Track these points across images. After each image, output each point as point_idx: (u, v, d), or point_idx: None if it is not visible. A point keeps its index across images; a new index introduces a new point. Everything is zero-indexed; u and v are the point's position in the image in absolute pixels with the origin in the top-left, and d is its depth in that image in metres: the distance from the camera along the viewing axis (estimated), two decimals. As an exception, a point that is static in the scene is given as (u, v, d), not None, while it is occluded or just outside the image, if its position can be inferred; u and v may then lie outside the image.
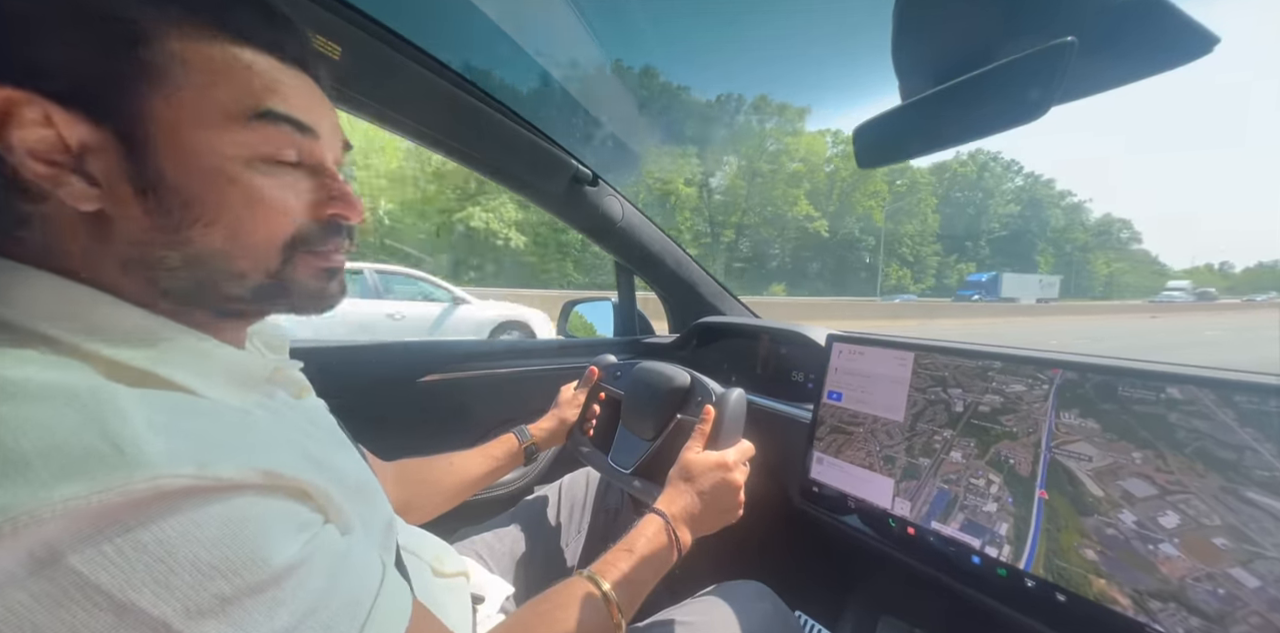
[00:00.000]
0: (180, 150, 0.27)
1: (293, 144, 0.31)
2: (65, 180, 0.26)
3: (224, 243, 0.29)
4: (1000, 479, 0.52)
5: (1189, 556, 0.41)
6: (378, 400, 0.90)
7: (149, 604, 0.21)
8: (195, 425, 0.25)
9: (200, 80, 0.27)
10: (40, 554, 0.20)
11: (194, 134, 0.28)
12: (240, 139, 0.29)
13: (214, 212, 0.29)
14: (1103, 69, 0.35)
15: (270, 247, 0.31)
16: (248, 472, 0.25)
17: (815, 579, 0.85)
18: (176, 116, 0.27)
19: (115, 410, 0.23)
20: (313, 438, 0.35)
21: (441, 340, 1.04)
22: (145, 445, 0.22)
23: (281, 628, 0.24)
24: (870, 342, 0.66)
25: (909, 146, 0.45)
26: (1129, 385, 0.46)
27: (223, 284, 0.31)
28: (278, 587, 0.24)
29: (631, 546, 0.48)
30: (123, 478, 0.21)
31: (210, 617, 0.22)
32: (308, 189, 0.33)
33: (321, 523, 0.29)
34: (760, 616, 0.58)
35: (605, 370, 0.89)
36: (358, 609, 0.27)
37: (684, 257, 1.19)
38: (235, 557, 0.23)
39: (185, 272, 0.29)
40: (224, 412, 0.28)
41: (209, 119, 0.28)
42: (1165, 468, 0.43)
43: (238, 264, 0.30)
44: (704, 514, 0.54)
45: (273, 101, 0.30)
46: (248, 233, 0.30)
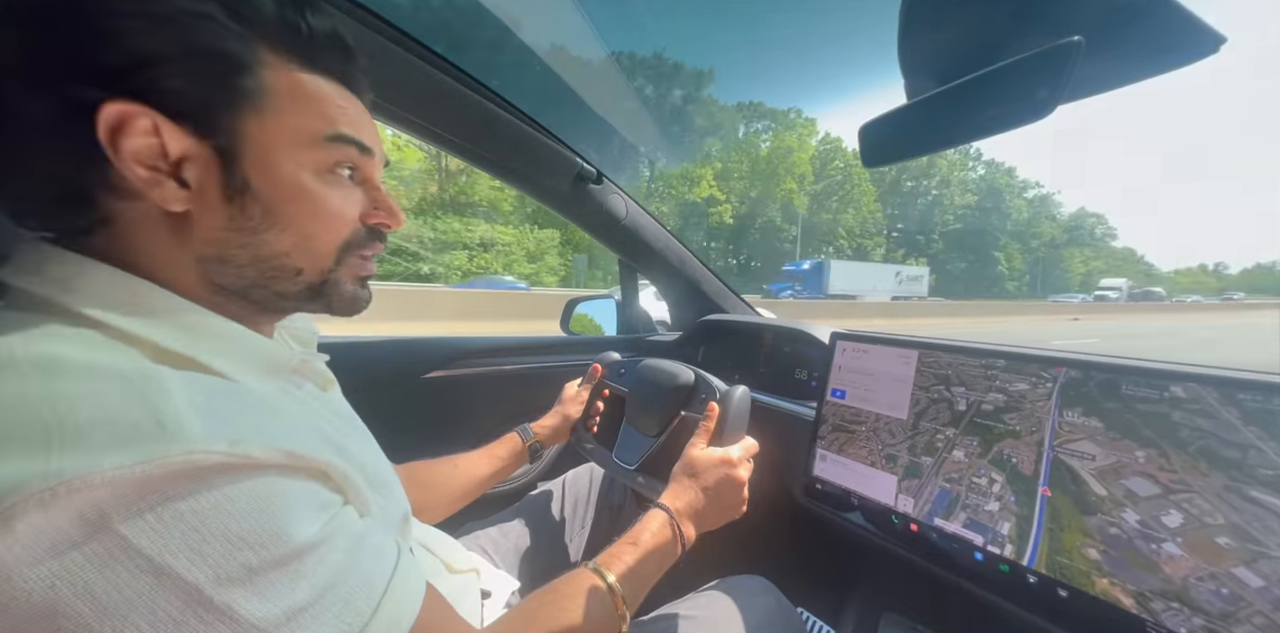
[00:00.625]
0: (266, 164, 0.32)
1: (353, 161, 0.36)
2: (161, 183, 0.29)
3: (290, 245, 0.34)
4: (1003, 478, 0.52)
5: (1192, 555, 0.41)
6: (381, 397, 0.90)
7: (184, 570, 0.23)
8: (229, 407, 0.27)
9: (286, 106, 0.32)
10: (90, 517, 0.22)
11: (278, 151, 0.32)
12: (315, 157, 0.34)
13: (287, 218, 0.33)
14: (1109, 68, 0.35)
15: (328, 250, 0.36)
16: (273, 452, 0.26)
17: (818, 576, 0.85)
18: (265, 136, 0.32)
19: (160, 389, 0.25)
20: (334, 426, 0.38)
21: (445, 337, 1.04)
22: (185, 422, 0.24)
23: (302, 600, 0.25)
24: (874, 340, 0.66)
25: (914, 145, 0.45)
26: (1132, 384, 0.45)
27: (280, 281, 0.35)
28: (300, 561, 0.26)
29: (636, 539, 0.49)
30: (163, 450, 0.23)
31: (238, 585, 0.24)
32: (360, 200, 0.37)
33: (341, 504, 0.31)
34: (763, 610, 0.59)
35: (609, 368, 0.89)
36: (374, 587, 0.29)
37: (687, 255, 1.19)
38: (262, 530, 0.25)
39: (251, 268, 0.33)
40: (253, 396, 0.30)
41: (292, 139, 0.32)
42: (1168, 467, 0.43)
43: (297, 263, 0.35)
44: (708, 510, 0.55)
45: (343, 126, 0.34)
46: (312, 237, 0.34)
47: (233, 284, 0.34)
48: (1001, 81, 0.35)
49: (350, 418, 0.44)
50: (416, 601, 0.32)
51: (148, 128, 0.28)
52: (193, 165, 0.30)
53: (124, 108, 0.27)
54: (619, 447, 0.84)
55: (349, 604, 0.27)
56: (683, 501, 0.54)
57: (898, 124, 0.44)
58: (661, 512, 0.52)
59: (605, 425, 0.93)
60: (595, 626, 0.41)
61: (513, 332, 1.31)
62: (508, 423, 1.06)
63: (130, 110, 0.27)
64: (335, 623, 0.26)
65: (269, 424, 0.28)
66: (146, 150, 0.28)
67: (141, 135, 0.28)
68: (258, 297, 0.35)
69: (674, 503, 0.54)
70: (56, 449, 0.21)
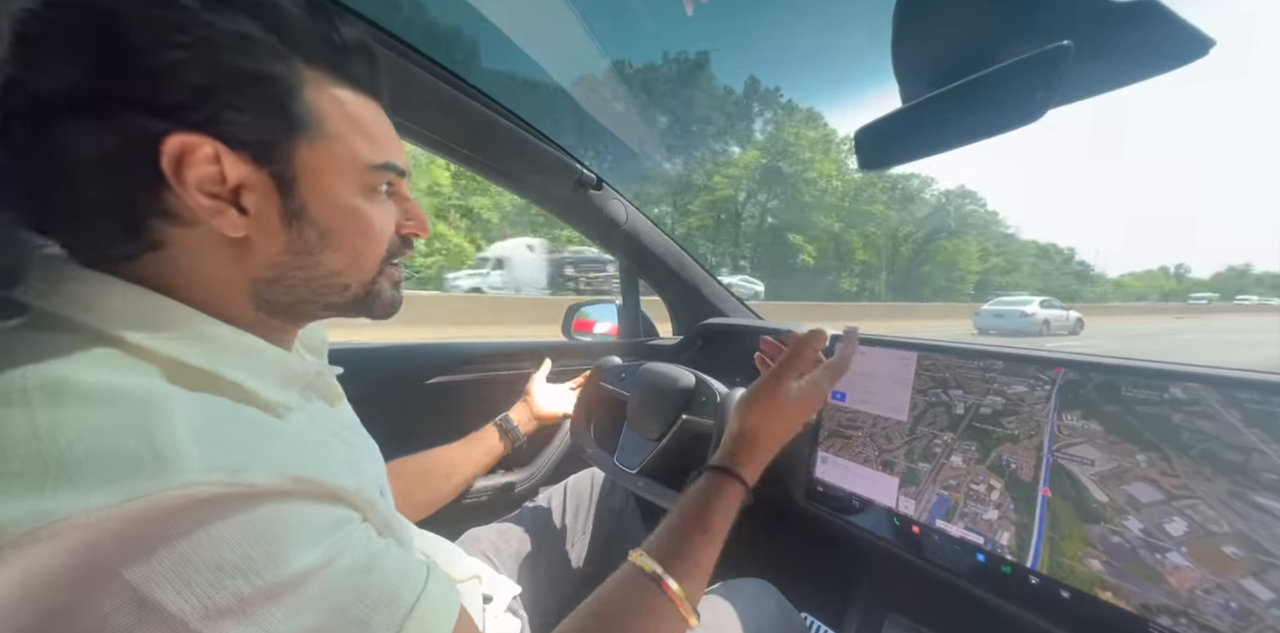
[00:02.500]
0: (319, 189, 0.33)
1: (393, 183, 0.37)
2: (223, 211, 0.30)
3: (343, 264, 0.35)
4: (1001, 485, 0.51)
5: (1198, 565, 0.39)
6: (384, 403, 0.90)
7: (168, 601, 0.22)
8: (238, 432, 0.27)
9: (337, 132, 0.33)
10: (81, 553, 0.21)
11: (331, 176, 0.33)
12: (364, 181, 0.35)
13: (340, 239, 0.34)
14: (1101, 71, 0.36)
15: (373, 263, 0.37)
16: (277, 478, 0.26)
17: (820, 579, 0.85)
18: (319, 162, 0.32)
19: (163, 417, 0.24)
20: (348, 444, 0.38)
21: (447, 342, 1.05)
22: (184, 453, 0.23)
23: (310, 626, 0.25)
24: (873, 342, 0.66)
25: (909, 149, 0.45)
26: (1132, 385, 0.45)
27: (329, 296, 0.36)
28: (301, 586, 0.25)
29: (705, 526, 0.42)
30: (159, 484, 0.22)
31: (229, 617, 0.23)
32: (394, 213, 0.39)
33: (359, 521, 0.30)
34: (765, 613, 0.59)
35: (610, 372, 0.89)
36: (396, 606, 0.28)
37: (687, 259, 1.20)
38: (257, 557, 0.24)
39: (303, 287, 0.34)
40: (266, 419, 0.30)
41: (344, 166, 0.33)
42: (1170, 471, 0.42)
43: (347, 280, 0.36)
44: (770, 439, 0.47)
45: (390, 154, 0.36)
46: (361, 254, 0.36)
47: (281, 300, 0.34)
48: (994, 85, 0.36)
49: (358, 433, 0.44)
50: (449, 620, 0.30)
51: (209, 156, 0.28)
52: (251, 192, 0.30)
53: (187, 139, 0.28)
54: (620, 451, 0.84)
55: (366, 626, 0.26)
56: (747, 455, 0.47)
57: (893, 128, 0.45)
58: (736, 484, 0.45)
59: (606, 430, 0.93)
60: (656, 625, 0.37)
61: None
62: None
63: (193, 141, 0.28)
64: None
65: (277, 447, 0.28)
66: (208, 179, 0.29)
67: (203, 164, 0.28)
68: (304, 310, 0.36)
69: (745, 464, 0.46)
70: (50, 487, 0.21)
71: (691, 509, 0.43)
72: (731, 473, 0.45)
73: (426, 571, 0.31)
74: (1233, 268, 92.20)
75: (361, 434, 0.45)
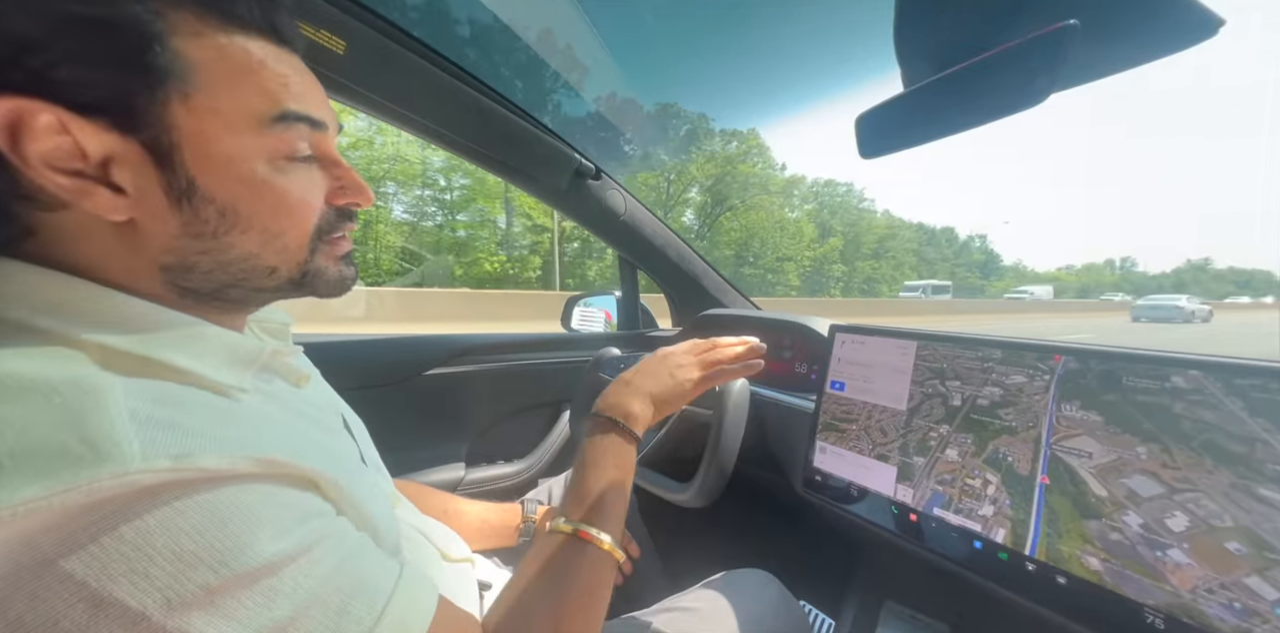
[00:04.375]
0: (208, 158, 0.27)
1: (307, 140, 0.31)
2: (90, 191, 0.26)
3: (257, 245, 0.30)
4: (998, 479, 0.50)
5: (1200, 563, 0.38)
6: (380, 394, 0.90)
7: (126, 595, 0.21)
8: (183, 415, 0.25)
9: (216, 83, 0.27)
10: (15, 549, 0.20)
11: (218, 141, 0.28)
12: (264, 143, 0.29)
13: (248, 217, 0.29)
14: (1109, 53, 0.35)
15: (300, 242, 0.32)
16: (238, 460, 0.24)
17: (818, 567, 0.86)
18: (200, 124, 0.27)
19: (95, 405, 0.22)
20: (321, 425, 0.36)
21: (444, 334, 1.04)
22: (120, 441, 0.21)
23: (283, 617, 0.23)
24: (872, 331, 0.66)
25: (912, 134, 0.44)
26: (1132, 374, 0.44)
27: (254, 281, 0.32)
28: (272, 575, 0.24)
29: (600, 468, 0.45)
30: (90, 475, 0.20)
31: (195, 609, 0.22)
32: (322, 180, 0.33)
33: (333, 514, 0.29)
34: (766, 603, 0.59)
35: (608, 363, 0.89)
36: (375, 596, 0.27)
37: (687, 250, 1.19)
38: (222, 545, 0.22)
39: (219, 272, 0.30)
40: (217, 401, 0.28)
41: (231, 124, 0.28)
42: (1172, 464, 0.41)
43: (269, 262, 0.31)
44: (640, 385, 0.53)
45: (288, 101, 0.29)
46: (279, 234, 0.31)
47: (201, 288, 0.30)
48: (998, 68, 0.35)
49: (334, 414, 0.42)
50: (429, 608, 0.30)
51: (53, 126, 0.24)
52: (123, 167, 0.26)
53: (14, 104, 0.23)
54: (619, 441, 0.84)
55: (345, 614, 0.25)
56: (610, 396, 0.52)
57: (894, 113, 0.44)
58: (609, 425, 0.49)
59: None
60: (593, 581, 0.39)
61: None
62: (508, 419, 1.07)
63: (23, 106, 0.23)
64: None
65: (234, 430, 0.26)
66: (58, 153, 0.25)
67: (47, 135, 0.24)
68: (234, 296, 0.32)
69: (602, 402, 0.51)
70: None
71: (584, 459, 0.46)
72: (602, 417, 0.49)
73: (400, 566, 0.31)
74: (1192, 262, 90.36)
75: (340, 416, 0.43)
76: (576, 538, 0.40)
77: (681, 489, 0.73)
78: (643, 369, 0.55)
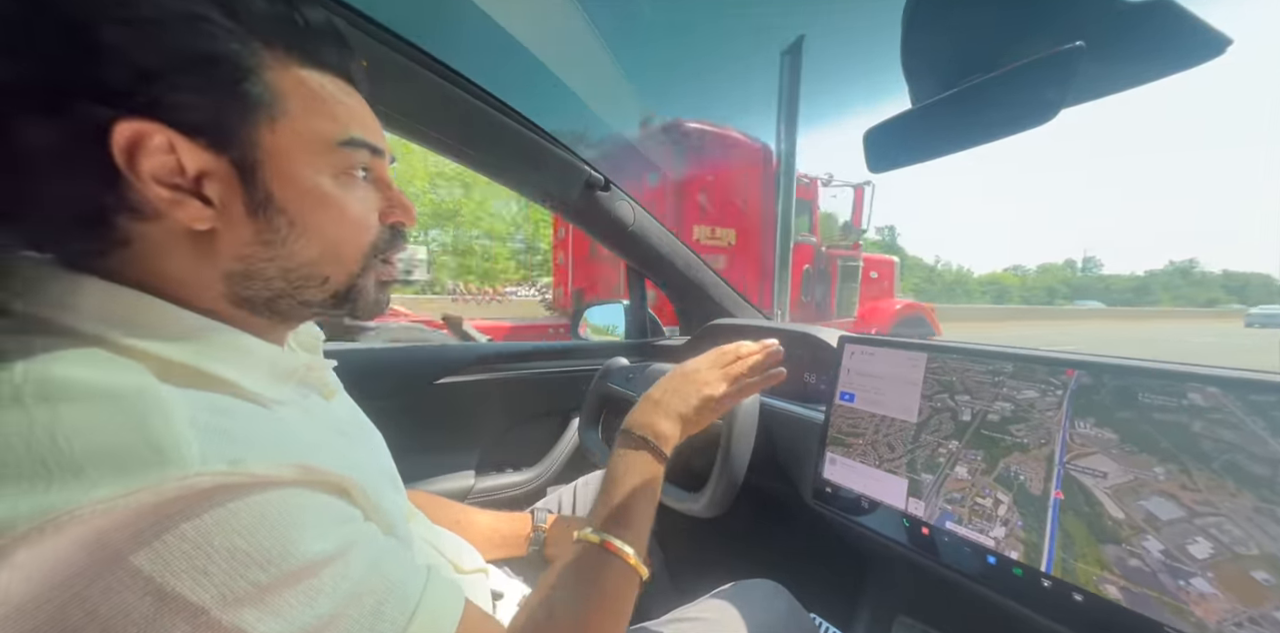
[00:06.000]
0: (285, 174, 0.31)
1: (367, 163, 0.35)
2: (184, 202, 0.29)
3: (318, 254, 0.34)
4: (1009, 499, 0.49)
5: (1226, 593, 0.36)
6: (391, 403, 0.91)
7: (187, 590, 0.22)
8: (234, 424, 0.27)
9: (296, 110, 0.31)
10: (91, 545, 0.22)
11: (295, 159, 0.31)
12: (332, 162, 0.33)
13: (312, 227, 0.33)
14: (1115, 71, 0.35)
15: (355, 255, 0.35)
16: (282, 467, 0.26)
17: (829, 580, 0.85)
18: (280, 144, 0.31)
19: (159, 411, 0.24)
20: (346, 438, 0.38)
21: (454, 344, 1.06)
22: (182, 445, 0.23)
23: (324, 613, 0.25)
24: (881, 342, 0.66)
25: (920, 150, 0.45)
26: (1148, 390, 0.43)
27: (307, 290, 0.34)
28: (315, 575, 0.25)
29: (627, 484, 0.45)
30: (158, 477, 0.22)
31: (248, 604, 0.23)
32: (376, 201, 0.37)
33: (362, 519, 0.31)
34: (775, 615, 0.59)
35: (617, 373, 0.89)
36: (408, 595, 0.29)
37: (695, 259, 1.20)
38: (271, 545, 0.24)
39: (279, 280, 0.33)
40: (262, 412, 0.30)
41: (307, 146, 0.32)
42: (1192, 485, 0.39)
43: (325, 271, 0.34)
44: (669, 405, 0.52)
45: (355, 129, 0.34)
46: (338, 243, 0.34)
47: (258, 295, 0.33)
48: (1006, 86, 0.35)
49: (358, 426, 0.44)
50: (456, 608, 0.31)
51: (163, 145, 0.27)
52: (213, 181, 0.29)
53: (137, 126, 0.26)
54: (628, 451, 0.84)
55: (379, 615, 0.27)
56: (640, 414, 0.51)
57: (902, 129, 0.44)
58: (638, 442, 0.49)
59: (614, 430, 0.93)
60: (616, 592, 0.39)
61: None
62: (517, 428, 1.07)
63: (143, 128, 0.27)
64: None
65: (278, 439, 0.28)
66: (164, 169, 0.28)
67: (158, 154, 0.27)
68: (283, 307, 0.34)
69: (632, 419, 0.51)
70: (57, 483, 0.21)
71: (613, 474, 0.47)
72: (633, 434, 0.49)
73: (428, 569, 0.32)
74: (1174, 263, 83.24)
75: (363, 427, 0.45)
76: (602, 549, 0.41)
77: (692, 499, 0.73)
78: (669, 387, 0.54)
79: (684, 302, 1.25)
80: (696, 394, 0.53)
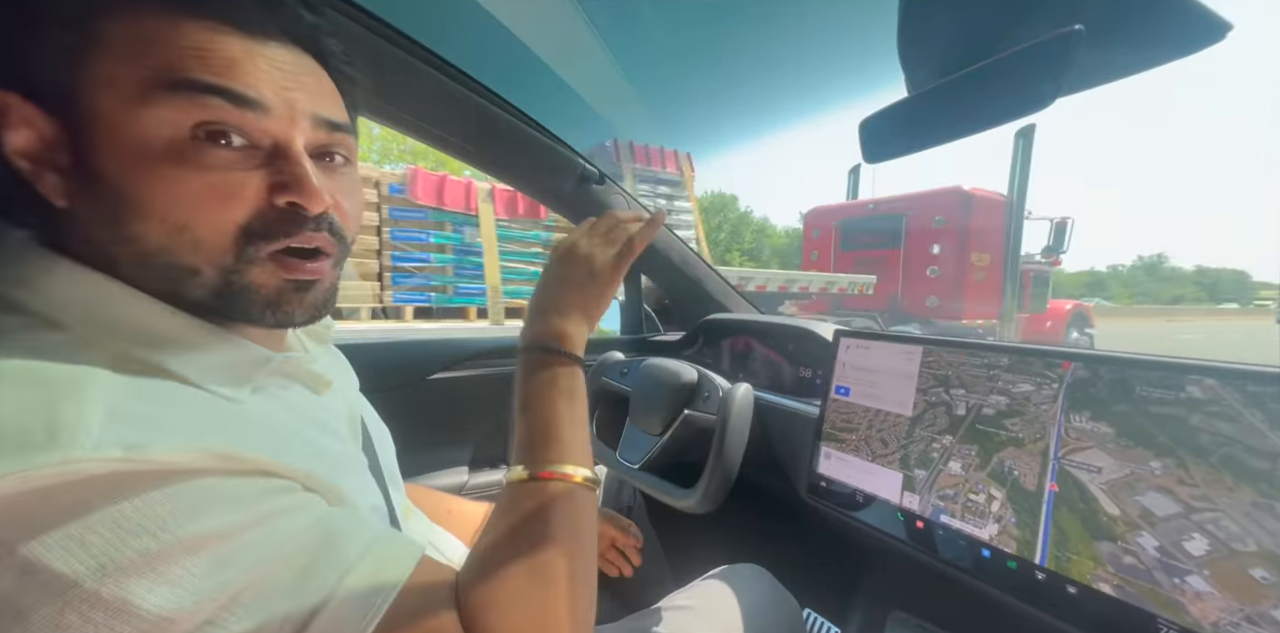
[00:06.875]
0: (108, 137, 0.26)
1: (226, 119, 0.27)
2: (42, 175, 0.27)
3: (162, 236, 0.27)
4: (1002, 495, 0.48)
5: (1223, 591, 0.35)
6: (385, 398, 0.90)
7: (57, 561, 0.20)
8: (161, 413, 0.25)
9: (121, 55, 0.25)
10: None
11: (116, 116, 0.26)
12: (161, 116, 0.26)
13: (147, 204, 0.27)
14: (1114, 57, 0.35)
15: (217, 240, 0.28)
16: (194, 454, 0.24)
17: (824, 575, 0.85)
18: (100, 99, 0.26)
19: (75, 397, 0.22)
20: (332, 434, 0.36)
21: (449, 338, 1.05)
22: (80, 430, 0.21)
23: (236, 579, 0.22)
24: (877, 336, 0.66)
25: (917, 139, 0.44)
26: (1145, 383, 0.42)
27: (181, 284, 0.29)
28: (225, 542, 0.23)
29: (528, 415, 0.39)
30: (37, 461, 0.20)
31: (133, 574, 0.21)
32: (259, 174, 0.29)
33: (301, 489, 0.28)
34: (759, 596, 0.61)
35: (612, 368, 0.89)
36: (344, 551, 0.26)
37: (690, 255, 1.19)
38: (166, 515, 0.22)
39: (141, 270, 0.28)
40: (209, 400, 0.28)
41: (126, 96, 0.26)
42: (1189, 480, 0.38)
43: (186, 259, 0.28)
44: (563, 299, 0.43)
45: (195, 70, 0.26)
46: (185, 224, 0.27)
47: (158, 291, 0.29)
48: (1003, 73, 0.35)
49: (350, 421, 0.42)
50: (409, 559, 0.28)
51: (23, 116, 0.26)
52: (60, 150, 0.26)
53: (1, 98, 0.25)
54: (623, 446, 0.84)
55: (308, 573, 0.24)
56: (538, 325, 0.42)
57: (898, 118, 0.44)
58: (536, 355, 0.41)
59: (608, 425, 0.93)
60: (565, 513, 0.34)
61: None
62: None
63: (4, 100, 0.25)
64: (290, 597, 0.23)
65: (208, 426, 0.26)
66: (26, 140, 0.26)
67: (21, 126, 0.26)
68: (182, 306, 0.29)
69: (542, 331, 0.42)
70: None
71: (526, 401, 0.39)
72: (533, 351, 0.41)
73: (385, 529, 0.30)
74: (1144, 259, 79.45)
75: (355, 423, 0.42)
76: (537, 480, 0.35)
77: (685, 495, 0.73)
78: (554, 278, 0.44)
79: (679, 296, 1.25)
80: (586, 272, 0.44)
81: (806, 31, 0.74)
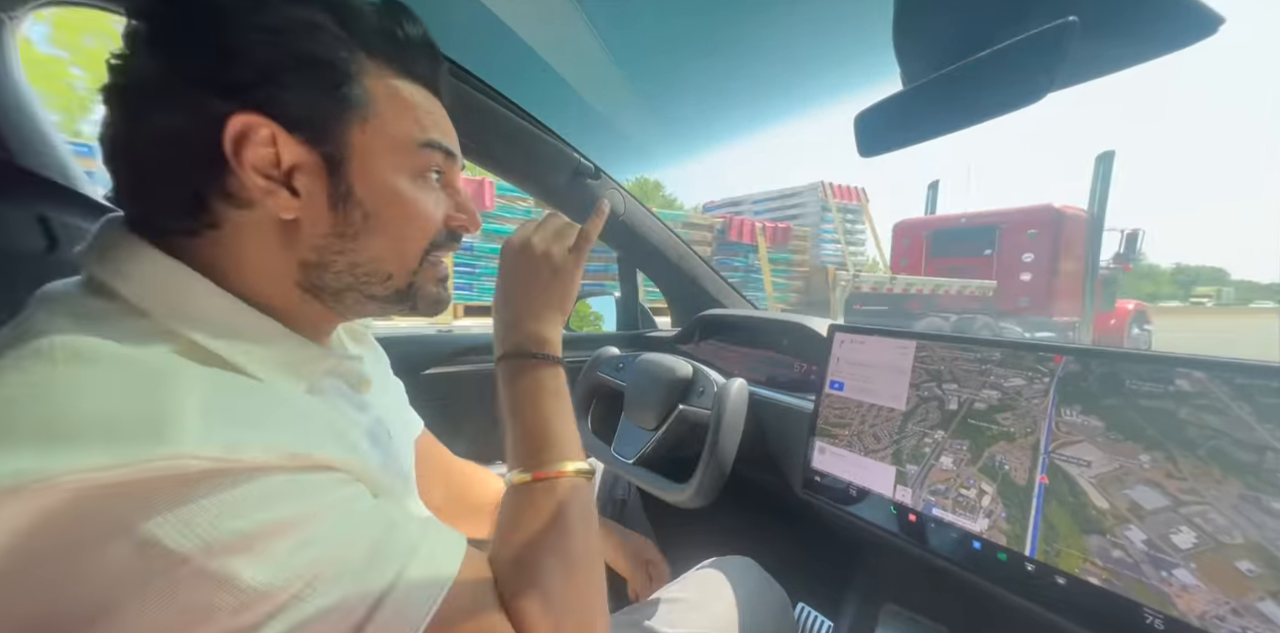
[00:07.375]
0: (367, 171, 0.34)
1: (440, 166, 0.37)
2: (277, 192, 0.31)
3: (385, 249, 0.35)
4: (993, 489, 0.49)
5: (1209, 584, 0.35)
6: None
7: (169, 539, 0.22)
8: (248, 409, 0.27)
9: (386, 113, 0.34)
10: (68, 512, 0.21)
11: (378, 157, 0.34)
12: (411, 162, 0.35)
13: (384, 223, 0.35)
14: (1107, 50, 0.35)
15: (415, 252, 0.37)
16: (275, 454, 0.26)
17: (817, 569, 0.85)
18: (367, 143, 0.33)
19: (174, 387, 0.25)
20: (365, 433, 0.38)
21: (442, 334, 1.04)
22: (184, 423, 0.24)
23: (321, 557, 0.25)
24: (872, 331, 0.66)
25: (912, 132, 0.44)
26: (1135, 376, 0.43)
27: (372, 285, 0.36)
28: (308, 523, 0.26)
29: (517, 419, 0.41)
30: (148, 453, 0.22)
31: (236, 552, 0.23)
32: (444, 203, 0.39)
33: (354, 481, 0.30)
34: (748, 588, 0.62)
35: (607, 362, 0.89)
36: (405, 537, 0.29)
37: (686, 250, 1.19)
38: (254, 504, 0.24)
39: (347, 274, 0.35)
40: (276, 397, 0.31)
41: (390, 146, 0.34)
42: (1177, 473, 0.38)
43: (389, 267, 0.36)
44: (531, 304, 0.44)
45: (434, 133, 0.36)
46: (404, 240, 0.36)
47: (328, 287, 0.35)
48: (997, 65, 0.35)
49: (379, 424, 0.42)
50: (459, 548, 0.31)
51: (267, 138, 0.30)
52: (303, 174, 0.32)
53: (248, 119, 0.29)
54: (618, 441, 0.84)
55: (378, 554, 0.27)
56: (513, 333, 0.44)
57: (893, 111, 0.44)
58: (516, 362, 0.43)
59: (603, 420, 0.93)
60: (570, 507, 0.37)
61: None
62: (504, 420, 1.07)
63: (253, 122, 0.29)
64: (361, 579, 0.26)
65: (280, 424, 0.28)
66: (263, 160, 0.30)
67: (261, 146, 0.30)
68: (350, 300, 0.36)
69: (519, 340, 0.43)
70: (48, 444, 0.22)
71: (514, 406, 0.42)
72: (514, 360, 0.43)
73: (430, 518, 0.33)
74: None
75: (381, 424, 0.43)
76: (535, 483, 0.38)
77: (679, 490, 0.73)
78: (519, 282, 0.45)
79: (675, 292, 1.25)
80: (549, 270, 0.44)
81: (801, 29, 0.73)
